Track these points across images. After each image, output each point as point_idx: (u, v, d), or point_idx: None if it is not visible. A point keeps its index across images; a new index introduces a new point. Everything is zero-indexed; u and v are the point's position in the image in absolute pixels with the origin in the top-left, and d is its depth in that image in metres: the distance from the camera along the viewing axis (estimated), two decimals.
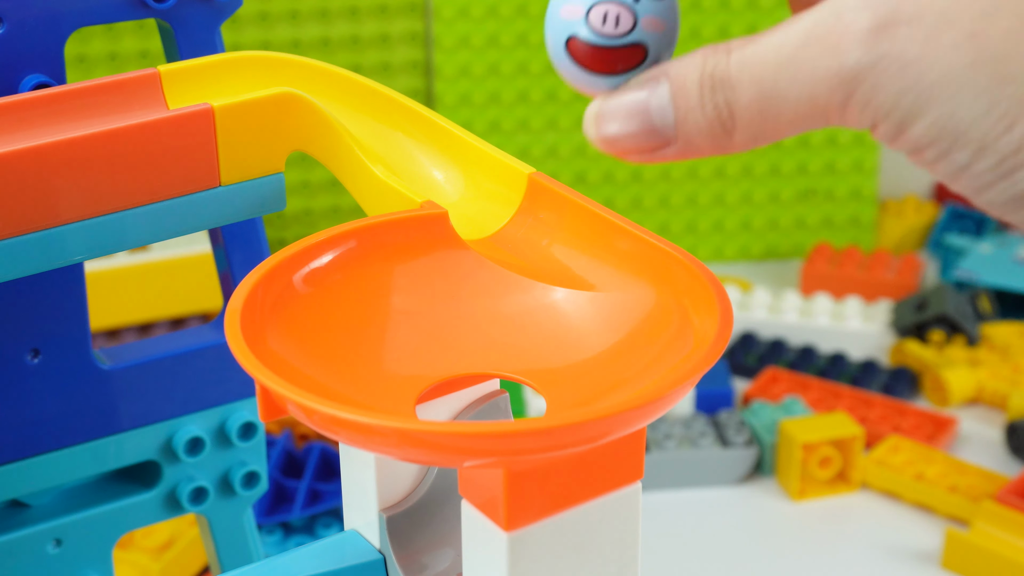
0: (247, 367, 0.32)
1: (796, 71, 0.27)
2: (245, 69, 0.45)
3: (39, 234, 0.41)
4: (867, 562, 0.78)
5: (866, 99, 0.27)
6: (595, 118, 0.31)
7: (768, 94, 0.28)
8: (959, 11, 0.26)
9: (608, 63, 0.31)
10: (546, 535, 0.34)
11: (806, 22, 0.27)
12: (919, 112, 0.26)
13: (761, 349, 0.98)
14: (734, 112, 0.28)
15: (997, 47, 0.26)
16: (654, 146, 0.30)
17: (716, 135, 0.29)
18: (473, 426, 0.32)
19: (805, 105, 0.27)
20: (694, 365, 0.32)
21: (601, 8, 0.30)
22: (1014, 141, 0.26)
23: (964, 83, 0.26)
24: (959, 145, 0.26)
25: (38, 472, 0.49)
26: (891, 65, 0.26)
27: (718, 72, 0.28)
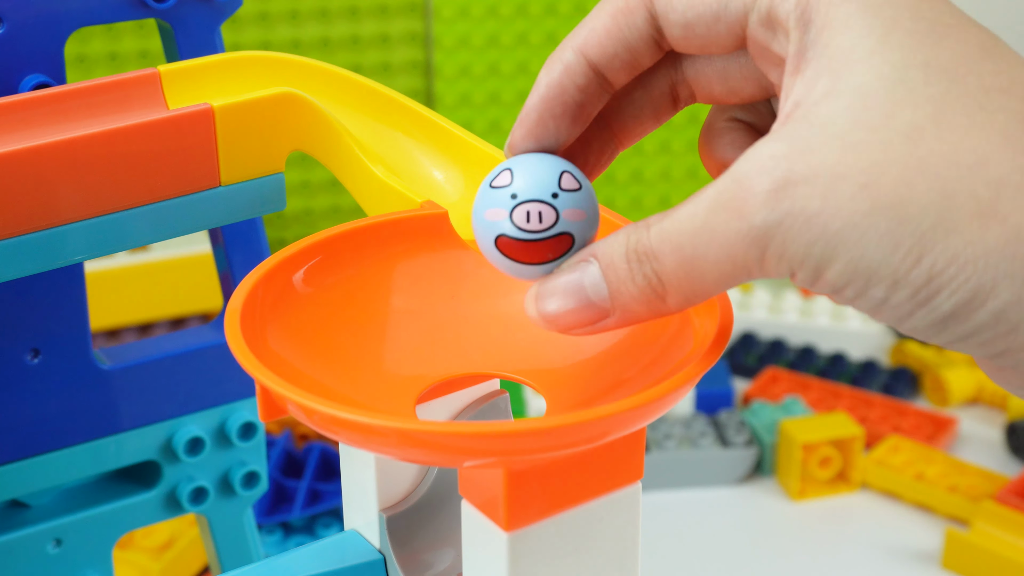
0: (247, 367, 0.32)
1: (711, 236, 0.29)
2: (245, 69, 0.45)
3: (39, 234, 0.41)
4: (867, 562, 0.78)
5: (779, 253, 0.29)
6: (535, 300, 0.32)
7: (690, 259, 0.30)
8: (848, 166, 0.28)
9: (538, 254, 0.32)
10: (546, 535, 0.34)
11: (712, 191, 0.30)
12: (831, 258, 0.28)
13: (761, 349, 0.98)
14: (662, 279, 0.30)
15: (890, 194, 0.28)
16: (594, 319, 0.32)
17: (650, 301, 0.31)
18: (473, 426, 0.32)
19: (725, 264, 0.30)
20: (694, 365, 0.32)
21: (523, 208, 0.32)
22: (923, 273, 0.28)
23: (867, 228, 0.28)
24: (873, 283, 0.28)
25: (38, 472, 0.49)
26: (796, 220, 0.28)
27: (641, 246, 0.31)
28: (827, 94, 0.29)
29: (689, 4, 0.32)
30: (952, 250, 0.28)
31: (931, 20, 0.30)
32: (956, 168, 0.28)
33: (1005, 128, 0.28)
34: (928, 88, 0.29)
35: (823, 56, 0.30)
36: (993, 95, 0.29)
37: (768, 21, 0.31)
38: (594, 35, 0.33)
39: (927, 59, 0.29)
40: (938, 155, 0.28)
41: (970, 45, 0.29)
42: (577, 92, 0.34)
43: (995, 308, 0.28)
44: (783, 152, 0.29)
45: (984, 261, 0.28)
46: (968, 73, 0.29)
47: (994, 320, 0.28)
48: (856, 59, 0.29)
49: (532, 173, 0.33)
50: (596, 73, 0.34)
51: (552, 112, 0.34)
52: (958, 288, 0.28)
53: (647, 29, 0.33)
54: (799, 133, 0.29)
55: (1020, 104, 0.29)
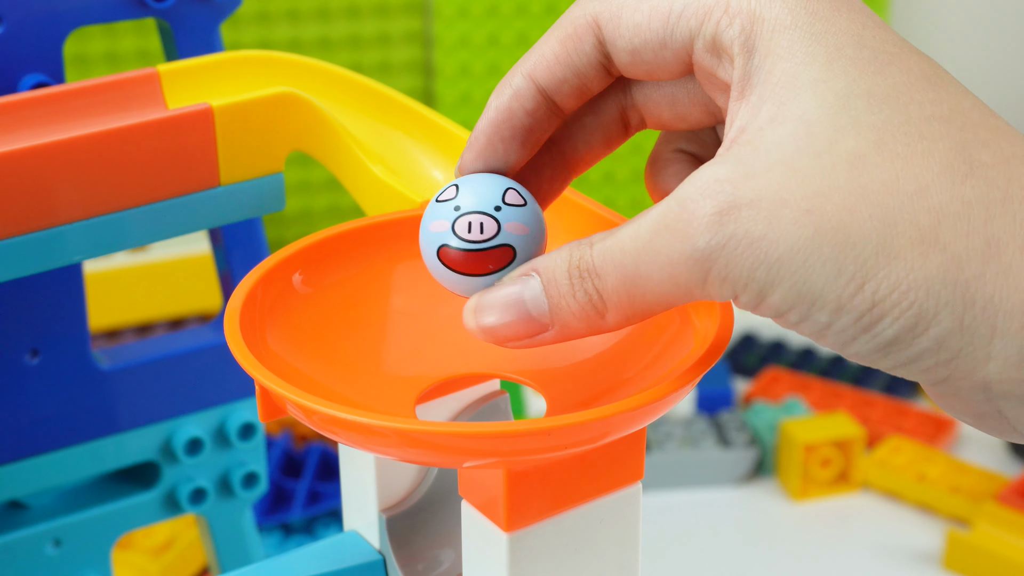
0: (246, 367, 0.32)
1: (654, 257, 0.30)
2: (245, 68, 0.45)
3: (38, 234, 0.41)
4: (868, 563, 0.78)
5: (722, 276, 0.29)
6: (474, 311, 0.33)
7: (631, 278, 0.30)
8: (792, 192, 0.29)
9: (479, 265, 0.33)
10: (546, 536, 0.34)
11: (655, 212, 0.30)
12: (774, 282, 0.29)
13: (762, 349, 0.98)
14: (603, 297, 0.31)
15: (833, 220, 0.28)
16: (531, 332, 0.32)
17: (590, 318, 0.31)
18: (473, 426, 0.32)
19: (667, 285, 0.30)
20: (694, 365, 0.32)
21: (465, 219, 0.33)
22: (866, 299, 0.28)
23: (810, 253, 0.28)
24: (816, 308, 0.29)
25: (37, 472, 0.49)
26: (739, 244, 0.29)
27: (583, 263, 0.31)
28: (772, 120, 0.30)
29: (636, 31, 0.32)
30: (894, 277, 0.28)
31: (873, 48, 0.30)
32: (897, 196, 0.28)
33: (945, 157, 0.29)
34: (870, 116, 0.29)
35: (767, 83, 0.30)
36: (934, 124, 0.29)
37: (713, 48, 0.31)
38: (543, 61, 0.34)
39: (870, 87, 0.29)
40: (880, 183, 0.28)
41: (912, 74, 0.30)
42: (526, 116, 0.34)
43: (937, 335, 0.28)
44: (727, 176, 0.29)
45: (926, 288, 0.28)
46: (910, 102, 0.29)
47: (936, 346, 0.29)
48: (800, 86, 0.30)
49: (477, 188, 0.33)
50: (545, 98, 0.34)
51: (501, 135, 0.34)
52: (900, 315, 0.28)
53: (595, 55, 0.33)
54: (743, 158, 0.29)
55: (959, 133, 0.29)
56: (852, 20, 0.30)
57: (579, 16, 0.33)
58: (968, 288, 0.28)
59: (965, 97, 0.30)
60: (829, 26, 0.30)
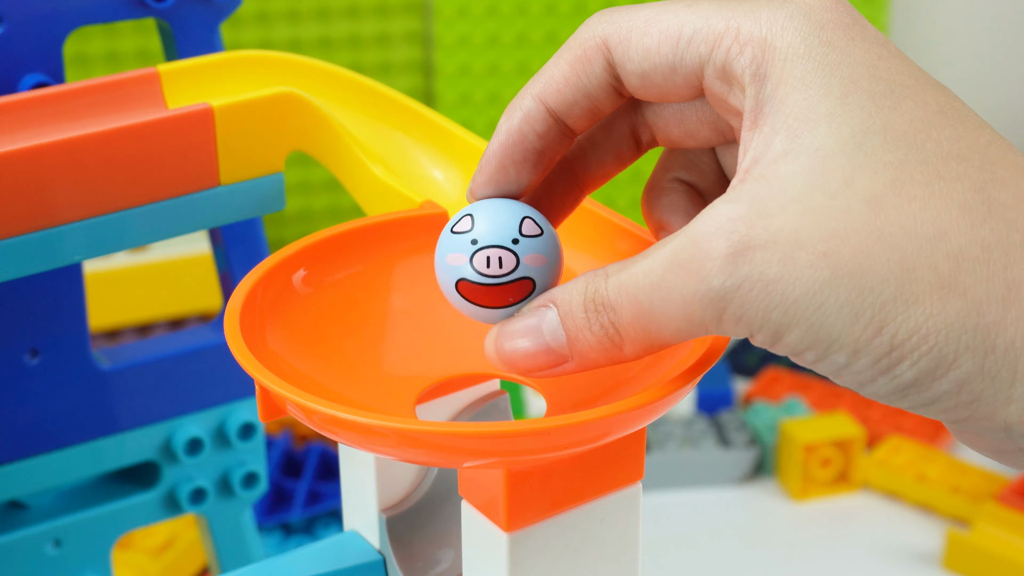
0: (246, 367, 0.32)
1: (667, 294, 0.29)
2: (245, 69, 0.45)
3: (38, 234, 0.41)
4: (868, 563, 0.78)
5: (738, 315, 0.29)
6: (495, 343, 0.33)
7: (646, 313, 0.30)
8: (808, 234, 0.28)
9: (499, 298, 0.33)
10: (546, 536, 0.34)
11: (668, 249, 0.30)
12: (790, 324, 0.29)
13: (762, 349, 0.98)
14: (619, 330, 0.30)
15: (850, 263, 0.28)
16: (552, 364, 0.32)
17: (607, 350, 0.31)
18: (473, 426, 0.32)
19: (681, 322, 0.30)
20: (694, 366, 0.32)
21: (483, 254, 0.32)
22: (885, 343, 0.28)
23: (826, 297, 0.28)
24: (834, 349, 0.29)
25: (37, 472, 0.49)
26: (754, 286, 0.28)
27: (598, 296, 0.31)
28: (785, 153, 0.29)
29: (645, 55, 0.32)
30: (913, 322, 0.28)
31: (889, 81, 0.30)
32: (916, 239, 0.28)
33: (963, 198, 0.28)
34: (887, 154, 0.29)
35: (779, 112, 0.30)
36: (951, 163, 0.29)
37: (723, 75, 0.31)
38: (553, 83, 0.33)
39: (886, 123, 0.29)
40: (897, 225, 0.28)
41: (928, 109, 0.29)
42: (537, 139, 0.34)
43: (958, 378, 0.28)
44: (741, 215, 0.29)
45: (946, 333, 0.28)
46: (927, 139, 0.29)
47: (957, 389, 0.28)
48: (814, 120, 0.29)
49: (492, 219, 0.33)
50: (556, 120, 0.34)
51: (512, 159, 0.34)
52: (919, 358, 0.28)
53: (605, 77, 0.33)
54: (758, 194, 0.29)
55: (977, 172, 0.29)
56: (867, 50, 0.30)
57: (588, 38, 0.33)
58: (989, 333, 0.28)
59: (983, 132, 0.30)
60: (843, 56, 0.30)
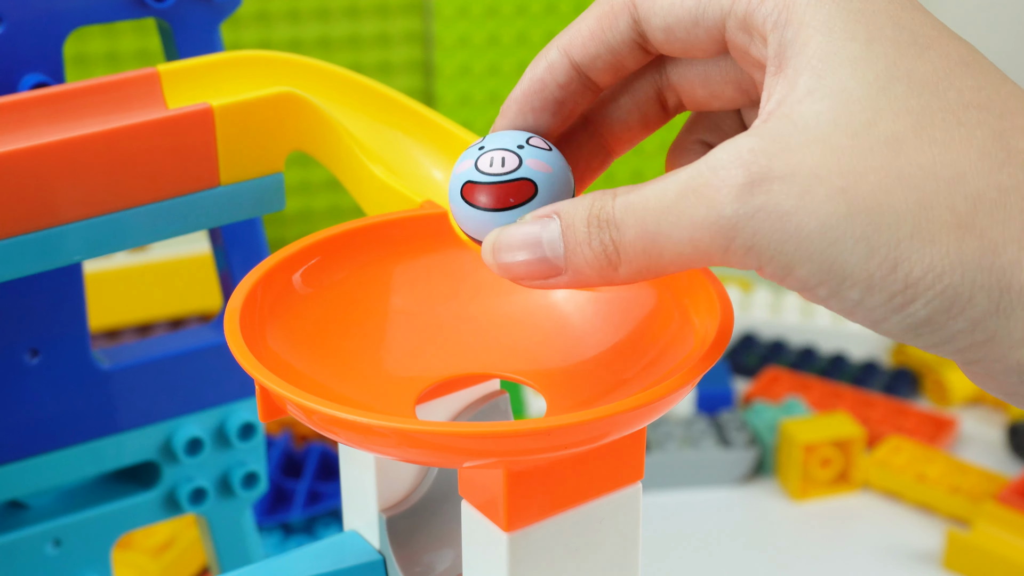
0: (246, 367, 0.32)
1: (677, 218, 0.30)
2: (244, 68, 0.45)
3: (38, 234, 0.41)
4: (868, 563, 0.78)
5: (747, 246, 0.29)
6: (492, 246, 0.33)
7: (651, 236, 0.30)
8: (828, 168, 0.29)
9: (500, 198, 0.33)
10: (546, 535, 0.34)
11: (684, 175, 0.30)
12: (802, 258, 0.29)
13: (762, 349, 0.98)
14: (619, 249, 0.31)
15: (868, 199, 0.28)
16: (546, 274, 0.32)
17: (603, 268, 0.31)
18: (473, 426, 0.32)
19: (687, 247, 0.30)
20: (694, 365, 0.32)
21: (488, 155, 0.34)
22: (899, 280, 0.28)
23: (842, 232, 0.28)
24: (847, 285, 0.29)
25: (37, 472, 0.49)
26: (768, 216, 0.29)
27: (604, 213, 0.31)
28: (809, 92, 0.30)
29: (669, 9, 0.33)
30: (929, 259, 0.28)
31: (912, 31, 0.30)
32: (935, 180, 0.28)
33: (983, 145, 0.29)
34: (910, 100, 0.29)
35: (802, 54, 0.30)
36: (972, 111, 0.29)
37: (745, 26, 0.32)
38: (579, 36, 0.34)
39: (910, 71, 0.29)
40: (917, 166, 0.28)
41: (951, 59, 0.30)
42: (558, 89, 0.34)
43: (972, 317, 0.28)
44: (762, 147, 0.29)
45: (961, 272, 0.28)
46: (949, 88, 0.29)
47: (971, 328, 0.29)
48: (839, 62, 0.30)
49: (503, 134, 0.34)
50: (579, 73, 0.34)
51: (532, 105, 0.35)
52: (934, 297, 0.28)
53: (630, 33, 0.34)
54: (780, 131, 0.29)
55: (997, 121, 0.29)
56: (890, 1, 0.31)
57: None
58: (1004, 273, 0.28)
59: (1003, 84, 0.30)
60: (867, 4, 0.30)
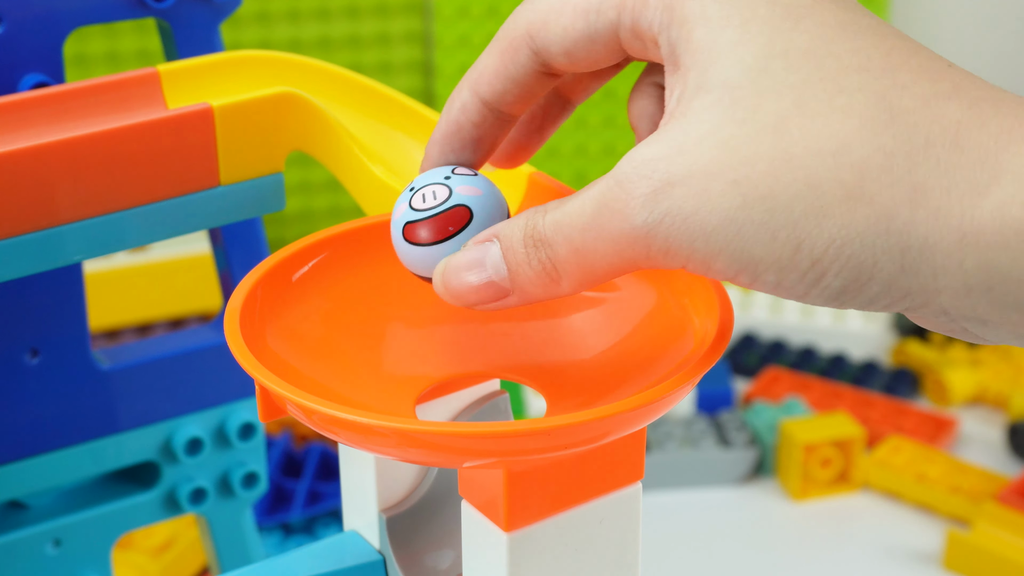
0: (246, 367, 0.32)
1: (598, 233, 0.31)
2: (244, 68, 0.45)
3: (38, 234, 0.41)
4: (868, 562, 0.78)
5: (664, 250, 0.30)
6: (441, 278, 0.34)
7: (580, 251, 0.31)
8: (720, 165, 0.29)
9: (440, 229, 0.34)
10: (546, 535, 0.34)
11: (596, 190, 0.31)
12: (714, 252, 0.30)
13: (762, 349, 0.98)
14: (556, 266, 0.32)
15: (760, 187, 0.29)
16: (495, 297, 0.33)
17: (547, 285, 0.32)
18: (473, 426, 0.32)
19: (614, 258, 0.31)
20: (694, 365, 0.32)
21: (419, 193, 0.34)
22: (805, 258, 0.29)
23: (743, 222, 0.29)
24: (762, 269, 0.30)
25: (37, 472, 0.49)
26: (675, 220, 0.29)
27: (536, 233, 0.32)
28: (698, 88, 0.30)
29: (563, 35, 0.33)
30: (827, 234, 0.29)
31: (786, 4, 0.30)
32: (819, 156, 0.29)
33: (864, 109, 0.29)
34: (789, 75, 0.30)
35: (688, 51, 0.31)
36: (852, 75, 0.29)
37: (636, 34, 0.32)
38: (485, 74, 0.35)
39: (787, 45, 0.30)
40: (801, 145, 0.29)
41: (828, 26, 0.30)
42: (473, 128, 0.35)
43: (883, 280, 0.29)
44: (661, 154, 0.30)
45: (860, 241, 0.29)
46: (827, 55, 0.30)
47: (886, 290, 0.29)
48: (718, 51, 0.30)
49: (429, 172, 0.35)
50: (491, 109, 0.35)
51: (452, 146, 0.36)
52: (842, 269, 0.29)
53: (532, 65, 0.34)
54: (675, 133, 0.30)
55: (877, 81, 0.29)
56: None
57: (512, 29, 0.34)
58: (901, 235, 0.29)
59: (884, 40, 0.30)
60: None
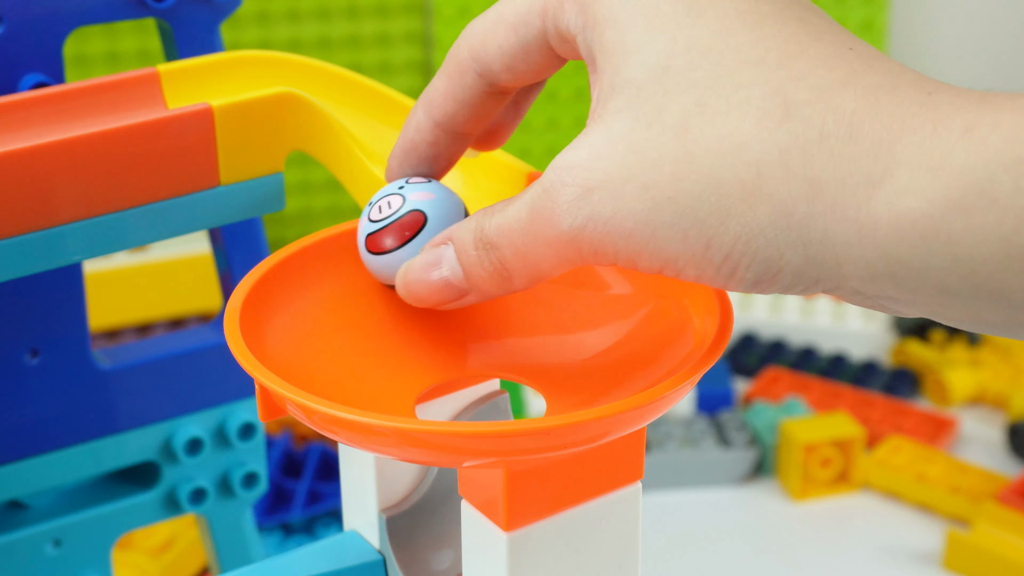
0: (246, 367, 0.32)
1: (535, 237, 0.32)
2: (244, 68, 0.45)
3: (38, 234, 0.41)
4: (868, 563, 0.78)
5: (592, 251, 0.31)
6: (403, 283, 0.35)
7: (523, 253, 0.32)
8: (631, 169, 0.30)
9: (397, 235, 0.36)
10: (546, 535, 0.34)
11: (528, 196, 0.32)
12: (636, 252, 0.31)
13: (762, 349, 0.98)
14: (505, 266, 0.33)
15: (667, 190, 0.30)
16: (454, 297, 0.34)
17: (500, 283, 0.33)
18: (473, 426, 0.32)
19: (553, 259, 0.32)
20: (694, 365, 0.32)
21: (375, 205, 0.36)
22: (717, 255, 0.30)
23: (655, 224, 0.30)
24: (681, 265, 0.30)
25: (37, 472, 0.49)
26: (596, 224, 0.30)
27: (484, 236, 0.33)
28: (611, 90, 0.31)
29: (500, 52, 0.34)
30: (733, 232, 0.29)
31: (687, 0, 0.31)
32: (719, 155, 0.29)
33: (761, 104, 0.29)
34: (691, 73, 0.30)
35: (601, 52, 0.31)
36: (749, 69, 0.30)
37: (561, 39, 0.33)
38: (436, 97, 0.36)
39: (688, 42, 0.30)
40: (703, 145, 0.29)
41: (728, 18, 0.30)
42: (428, 147, 0.37)
43: (792, 271, 0.30)
44: (581, 161, 0.31)
45: (763, 238, 0.29)
46: (726, 49, 0.30)
47: (797, 279, 0.30)
48: (626, 52, 0.31)
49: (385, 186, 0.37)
50: (445, 130, 0.36)
51: (410, 163, 0.37)
52: (751, 263, 0.30)
53: (479, 85, 0.35)
54: (593, 138, 0.31)
55: (773, 73, 0.30)
56: None
57: (456, 53, 0.35)
58: (802, 230, 0.29)
59: (784, 27, 0.30)
60: None
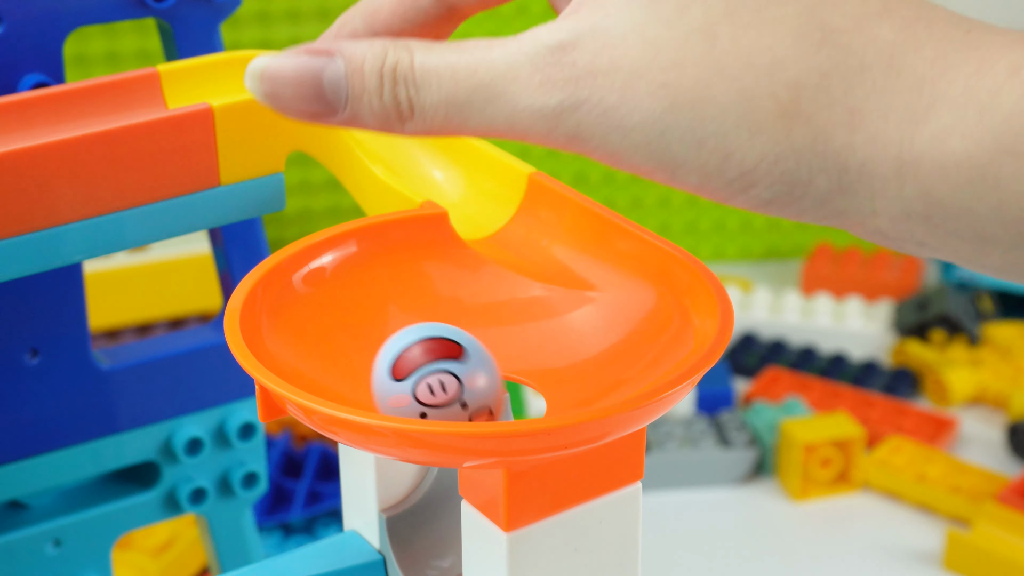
0: (246, 367, 0.32)
1: (494, 98, 0.29)
2: (244, 68, 0.45)
3: (38, 234, 0.41)
4: (868, 563, 0.78)
5: (569, 135, 0.29)
6: (261, 74, 0.31)
7: (458, 107, 0.29)
8: (647, 64, 0.28)
9: None
10: (546, 535, 0.34)
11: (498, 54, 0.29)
12: (630, 149, 0.29)
13: (762, 349, 0.98)
14: (415, 109, 0.30)
15: (689, 93, 0.28)
16: (319, 113, 0.31)
17: (388, 120, 0.30)
18: (473, 426, 0.32)
19: (501, 124, 0.29)
20: (694, 365, 0.32)
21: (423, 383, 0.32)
22: (734, 168, 0.28)
23: (668, 125, 0.28)
24: (683, 172, 0.29)
25: (37, 472, 0.49)
26: (593, 109, 0.29)
27: (401, 70, 0.30)
28: None
29: None
30: (760, 149, 0.28)
31: None
32: (753, 70, 0.28)
33: (796, 24, 0.28)
34: None
35: None
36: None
37: None
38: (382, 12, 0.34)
39: None
40: (733, 56, 0.28)
41: None
42: None
43: (817, 195, 0.29)
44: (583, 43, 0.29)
45: (795, 159, 0.28)
46: None
47: (819, 204, 0.29)
48: None
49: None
50: None
51: None
52: (774, 182, 0.29)
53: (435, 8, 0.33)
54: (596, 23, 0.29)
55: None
56: None
57: None
58: (839, 156, 0.28)
59: None
60: None
